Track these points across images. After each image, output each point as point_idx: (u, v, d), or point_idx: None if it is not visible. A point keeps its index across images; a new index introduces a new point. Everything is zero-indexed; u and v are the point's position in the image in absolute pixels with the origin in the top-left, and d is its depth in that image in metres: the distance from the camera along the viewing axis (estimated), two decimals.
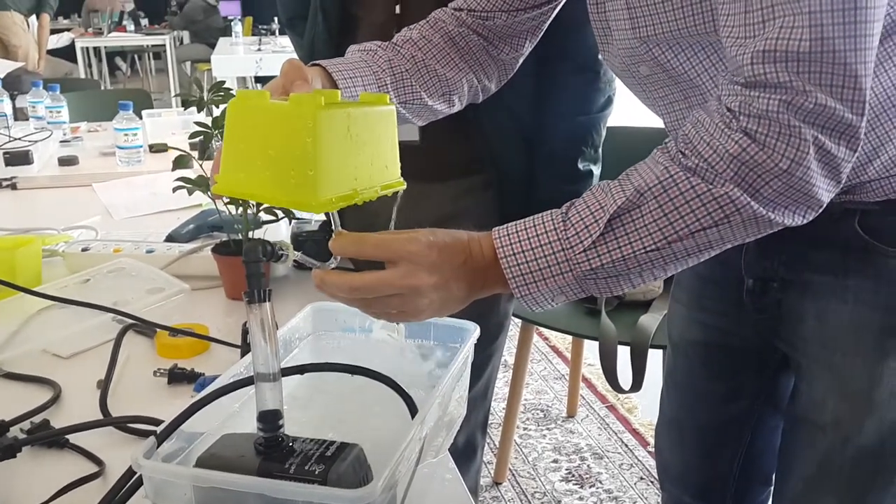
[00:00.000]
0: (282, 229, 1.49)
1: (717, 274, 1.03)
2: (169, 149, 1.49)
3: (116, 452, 0.85)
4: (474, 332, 0.88)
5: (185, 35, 9.11)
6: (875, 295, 0.87)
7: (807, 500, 0.97)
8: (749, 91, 0.70)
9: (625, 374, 1.75)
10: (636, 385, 1.73)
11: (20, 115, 2.87)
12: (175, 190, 1.22)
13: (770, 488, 1.17)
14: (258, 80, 7.00)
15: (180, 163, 1.24)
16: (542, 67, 1.31)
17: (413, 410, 0.75)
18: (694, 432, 1.17)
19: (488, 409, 1.60)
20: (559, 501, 2.17)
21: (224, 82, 1.25)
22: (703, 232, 0.72)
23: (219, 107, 1.17)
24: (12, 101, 2.87)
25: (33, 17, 6.69)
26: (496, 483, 2.26)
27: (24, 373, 1.02)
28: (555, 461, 2.35)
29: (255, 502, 0.63)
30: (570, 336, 2.43)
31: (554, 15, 1.08)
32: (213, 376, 0.97)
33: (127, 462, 0.69)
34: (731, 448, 1.14)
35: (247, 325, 0.84)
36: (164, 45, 8.51)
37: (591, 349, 2.53)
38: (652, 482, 2.23)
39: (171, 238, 1.48)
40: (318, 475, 0.63)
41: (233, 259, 1.25)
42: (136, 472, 0.66)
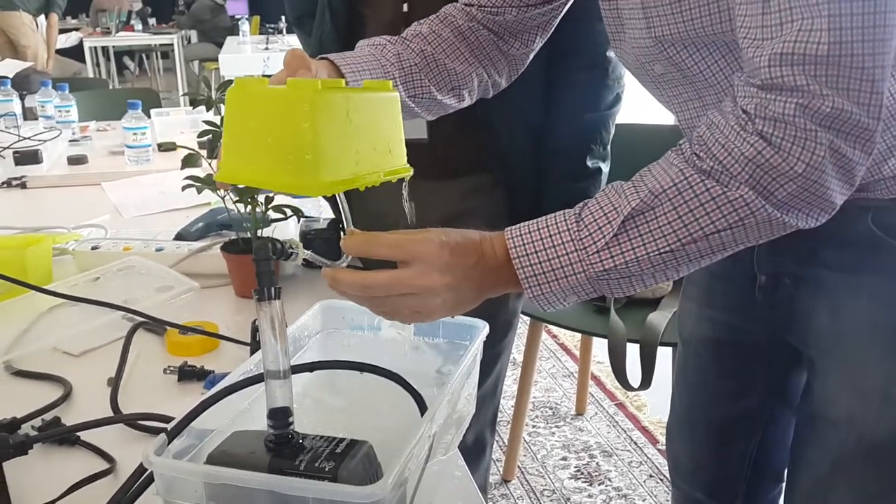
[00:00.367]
0: (290, 227, 1.49)
1: (728, 271, 1.03)
2: (178, 147, 1.50)
3: (127, 449, 0.85)
4: (483, 329, 0.88)
5: (193, 34, 9.13)
6: (889, 291, 0.87)
7: (820, 496, 0.97)
8: (765, 93, 0.69)
9: (634, 371, 1.75)
10: (645, 383, 1.73)
11: (29, 115, 2.88)
12: (184, 189, 1.23)
13: (782, 484, 1.16)
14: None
15: (189, 161, 1.24)
16: (551, 64, 1.31)
17: (423, 408, 0.75)
18: (705, 429, 1.16)
19: (497, 407, 1.60)
20: (568, 499, 2.17)
21: (232, 81, 1.25)
22: (718, 234, 0.72)
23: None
24: (21, 100, 2.87)
25: (42, 16, 6.72)
26: (505, 480, 2.26)
27: (36, 370, 1.02)
28: (564, 459, 2.35)
29: (266, 499, 0.63)
30: (578, 334, 2.42)
31: (564, 11, 1.07)
32: (222, 374, 0.97)
33: (138, 459, 0.69)
34: (743, 444, 1.13)
35: (256, 322, 0.84)
36: (172, 45, 8.54)
37: (600, 347, 2.52)
38: (661, 480, 2.23)
39: (180, 236, 1.48)
40: (329, 472, 0.63)
41: (242, 257, 1.25)
42: (147, 469, 0.66)
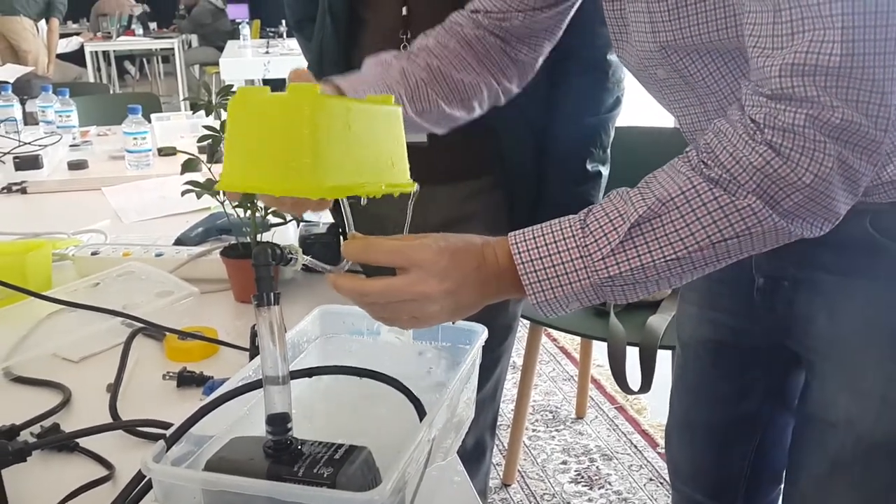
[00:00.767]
0: (290, 232, 1.49)
1: (727, 273, 1.03)
2: (178, 152, 1.50)
3: (126, 456, 0.85)
4: (482, 334, 0.88)
5: (194, 38, 9.15)
6: (887, 294, 0.87)
7: (818, 498, 0.97)
8: (775, 103, 0.69)
9: (634, 374, 1.75)
10: (645, 386, 1.73)
11: (30, 120, 2.89)
12: (184, 194, 1.23)
13: (780, 486, 1.16)
14: (266, 82, 7.02)
15: (189, 166, 1.24)
16: (550, 67, 1.31)
17: (421, 413, 0.75)
18: (704, 432, 1.16)
19: (497, 411, 1.60)
20: (568, 503, 2.17)
21: (232, 86, 1.25)
22: (724, 242, 0.72)
23: (226, 110, 1.17)
24: (22, 105, 2.88)
25: (42, 21, 6.73)
26: (505, 485, 2.26)
27: (35, 377, 1.03)
28: (564, 463, 2.35)
29: None
30: (578, 337, 2.42)
31: (571, 14, 1.07)
32: (221, 379, 0.97)
33: (137, 466, 0.69)
34: (742, 447, 1.13)
35: (255, 328, 0.84)
36: (173, 49, 8.55)
37: (600, 350, 2.52)
38: (661, 483, 2.22)
39: (179, 241, 1.48)
40: (327, 478, 0.63)
41: (241, 262, 1.25)
42: (146, 475, 0.66)
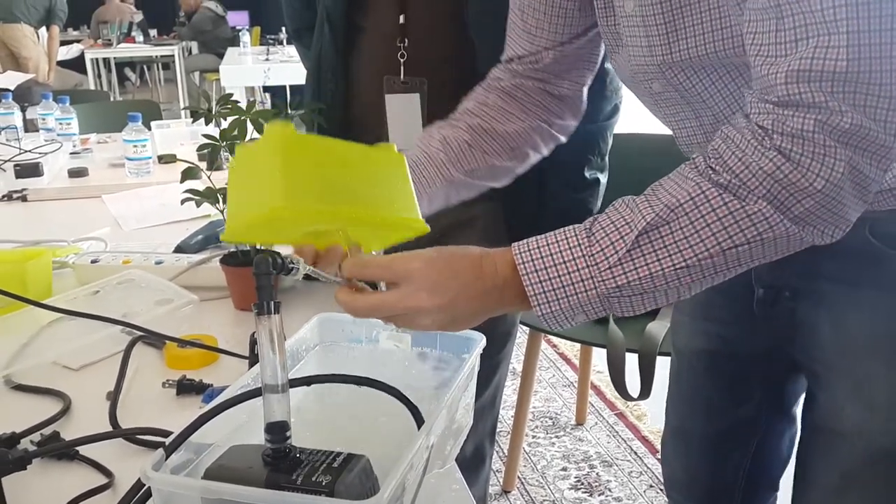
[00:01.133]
0: None
1: (724, 283, 1.03)
2: (178, 160, 1.50)
3: (126, 464, 0.85)
4: (480, 342, 0.88)
5: (194, 45, 9.17)
6: (892, 302, 0.86)
7: None
8: (782, 110, 0.68)
9: (633, 381, 1.75)
10: (645, 392, 1.73)
11: (30, 127, 2.89)
12: (184, 202, 1.23)
13: (776, 493, 1.16)
14: (266, 89, 7.04)
15: (189, 175, 1.25)
16: None
17: (419, 421, 0.75)
18: (700, 440, 1.16)
19: (496, 418, 1.60)
20: None
21: (231, 95, 1.26)
22: (735, 249, 0.71)
23: (226, 119, 1.18)
24: (22, 112, 2.89)
25: (43, 28, 6.75)
26: (505, 491, 2.26)
27: (35, 385, 1.03)
28: (564, 469, 2.35)
29: None
30: (578, 343, 2.43)
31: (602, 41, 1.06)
32: (221, 387, 0.97)
33: (136, 474, 0.70)
34: (738, 454, 1.13)
35: (255, 336, 0.85)
36: (173, 56, 8.58)
37: (599, 356, 2.52)
38: (661, 490, 2.22)
39: (179, 249, 1.48)
40: (326, 486, 0.63)
41: (241, 270, 1.25)
42: (145, 484, 0.66)
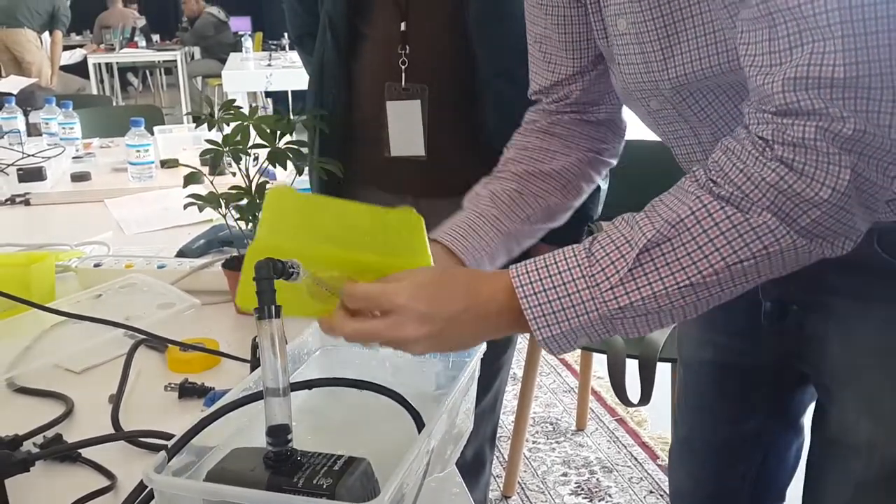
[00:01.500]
0: None
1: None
2: (180, 165, 1.51)
3: (128, 466, 0.86)
4: (481, 347, 0.88)
5: (196, 50, 9.19)
6: None
7: None
8: (782, 119, 0.66)
9: (633, 386, 1.75)
10: (645, 398, 1.73)
11: (33, 131, 2.91)
12: (186, 206, 1.24)
13: (783, 503, 1.16)
14: (268, 94, 7.05)
15: (192, 179, 1.25)
16: None
17: (420, 425, 0.76)
18: (707, 451, 1.15)
19: (497, 423, 1.61)
20: None
21: (234, 100, 1.27)
22: (741, 264, 0.68)
23: (229, 125, 1.18)
24: (25, 116, 2.90)
25: (46, 33, 6.77)
26: (505, 497, 2.26)
27: (38, 387, 1.03)
28: (564, 475, 2.35)
29: None
30: (578, 349, 2.43)
31: None
32: (223, 391, 0.98)
33: (138, 476, 0.70)
34: (745, 466, 1.12)
35: (256, 340, 0.85)
36: (176, 61, 8.60)
37: (600, 362, 2.53)
38: (662, 496, 2.22)
39: (181, 253, 1.49)
40: (327, 489, 0.64)
41: None
42: (148, 486, 0.67)
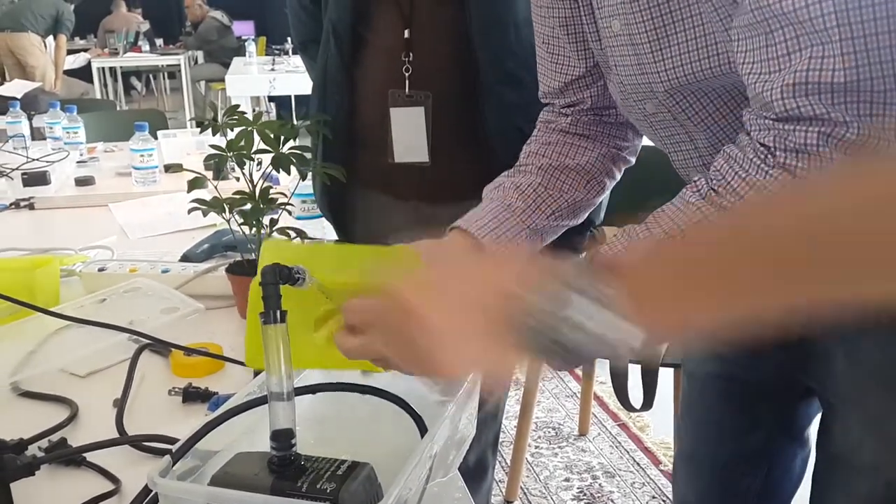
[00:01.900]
0: None
1: None
2: (184, 170, 1.51)
3: (132, 471, 0.86)
4: None
5: (200, 55, 9.21)
6: None
7: None
8: (783, 125, 0.65)
9: (636, 392, 1.75)
10: (647, 404, 1.73)
11: (37, 135, 2.92)
12: (190, 211, 1.24)
13: None
14: (271, 99, 7.07)
15: (195, 184, 1.26)
16: None
17: (423, 429, 0.76)
18: (711, 463, 1.14)
19: (499, 428, 1.61)
20: None
21: (238, 105, 1.27)
22: None
23: (233, 130, 1.19)
24: (29, 121, 2.91)
25: (50, 37, 6.79)
26: (508, 502, 2.26)
27: (43, 391, 1.04)
28: (566, 480, 2.35)
29: None
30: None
31: None
32: (226, 395, 0.98)
33: (143, 480, 0.70)
34: (749, 477, 1.11)
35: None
36: (179, 65, 8.61)
37: (602, 367, 2.53)
38: (664, 501, 2.22)
39: (185, 258, 1.49)
40: (330, 493, 0.64)
41: (247, 279, 1.26)
42: (152, 490, 0.67)
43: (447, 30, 1.16)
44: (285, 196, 1.24)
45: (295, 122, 1.21)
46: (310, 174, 1.25)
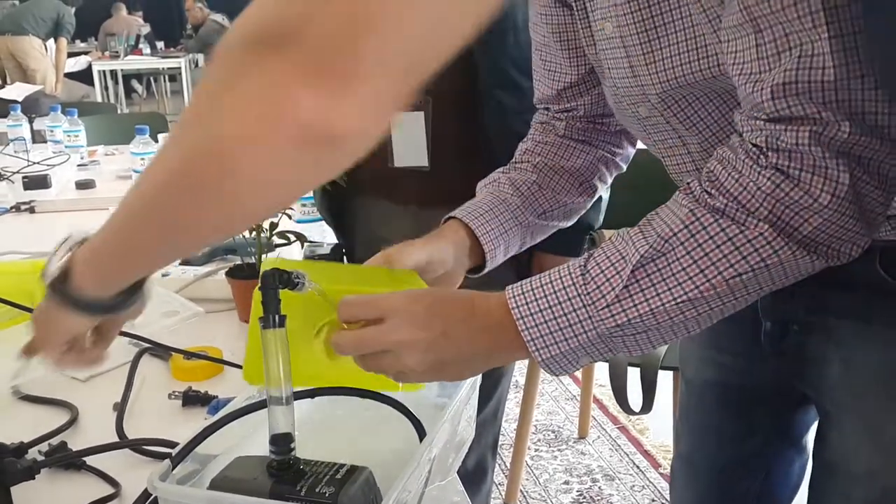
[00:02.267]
0: (294, 253, 1.51)
1: (732, 315, 0.99)
2: None
3: (132, 474, 0.86)
4: None
5: (200, 58, 9.21)
6: None
7: None
8: (774, 125, 0.65)
9: (635, 394, 1.75)
10: (646, 406, 1.73)
11: (38, 138, 2.92)
12: None
13: None
14: None
15: None
16: None
17: (421, 433, 0.76)
18: (709, 469, 1.14)
19: (499, 431, 1.61)
20: None
21: None
22: (738, 278, 0.66)
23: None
24: (30, 124, 2.91)
25: (51, 40, 6.80)
26: None
27: (43, 395, 1.04)
28: (566, 483, 2.35)
29: None
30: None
31: None
32: (226, 399, 0.98)
33: (142, 484, 0.71)
34: (747, 483, 1.11)
35: None
36: (180, 68, 8.63)
37: (602, 369, 2.53)
38: None
39: (185, 261, 1.50)
40: (329, 497, 0.64)
41: (247, 282, 1.27)
42: (152, 494, 0.67)
43: None
44: None
45: None
46: None
